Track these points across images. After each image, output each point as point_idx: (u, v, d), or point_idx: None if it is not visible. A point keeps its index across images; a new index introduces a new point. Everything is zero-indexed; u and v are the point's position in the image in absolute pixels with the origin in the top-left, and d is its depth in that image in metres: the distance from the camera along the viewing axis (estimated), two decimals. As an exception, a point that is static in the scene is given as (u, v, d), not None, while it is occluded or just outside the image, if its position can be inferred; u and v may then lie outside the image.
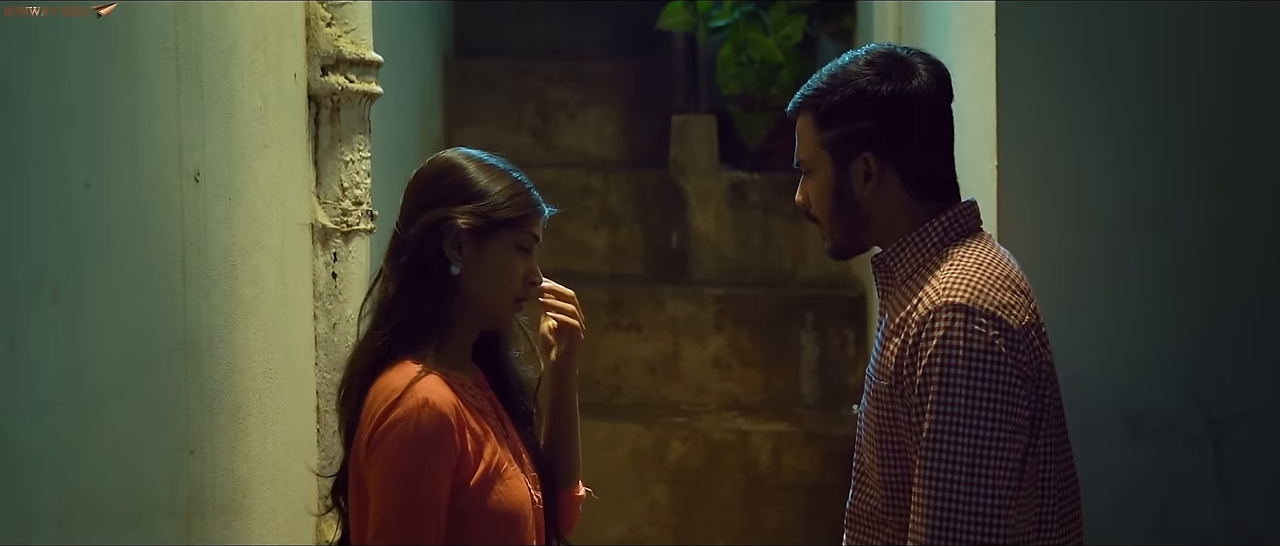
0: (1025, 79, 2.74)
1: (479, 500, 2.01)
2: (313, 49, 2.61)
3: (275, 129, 2.42)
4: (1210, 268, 2.73)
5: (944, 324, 1.95)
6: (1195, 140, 2.72)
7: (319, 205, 2.65)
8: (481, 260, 2.08)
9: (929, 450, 1.94)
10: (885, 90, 2.06)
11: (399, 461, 1.96)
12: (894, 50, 2.11)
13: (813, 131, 2.12)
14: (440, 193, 2.08)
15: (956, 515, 1.91)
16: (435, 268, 2.06)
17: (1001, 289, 1.99)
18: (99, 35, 1.78)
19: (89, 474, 1.72)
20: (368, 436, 2.00)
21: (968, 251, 2.05)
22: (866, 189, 2.08)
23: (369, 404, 2.02)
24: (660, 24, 5.30)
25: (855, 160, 2.07)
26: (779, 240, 5.10)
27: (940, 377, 1.93)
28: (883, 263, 2.12)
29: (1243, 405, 2.74)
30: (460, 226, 2.05)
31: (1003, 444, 1.92)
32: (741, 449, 4.49)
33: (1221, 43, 2.71)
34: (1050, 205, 2.75)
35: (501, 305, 2.12)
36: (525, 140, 5.41)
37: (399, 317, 2.07)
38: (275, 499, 2.40)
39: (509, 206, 2.08)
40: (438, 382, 2.01)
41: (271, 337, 2.38)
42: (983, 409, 1.92)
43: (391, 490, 1.96)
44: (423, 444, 1.96)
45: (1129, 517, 2.74)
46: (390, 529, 1.95)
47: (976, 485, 1.91)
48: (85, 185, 1.72)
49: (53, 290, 1.63)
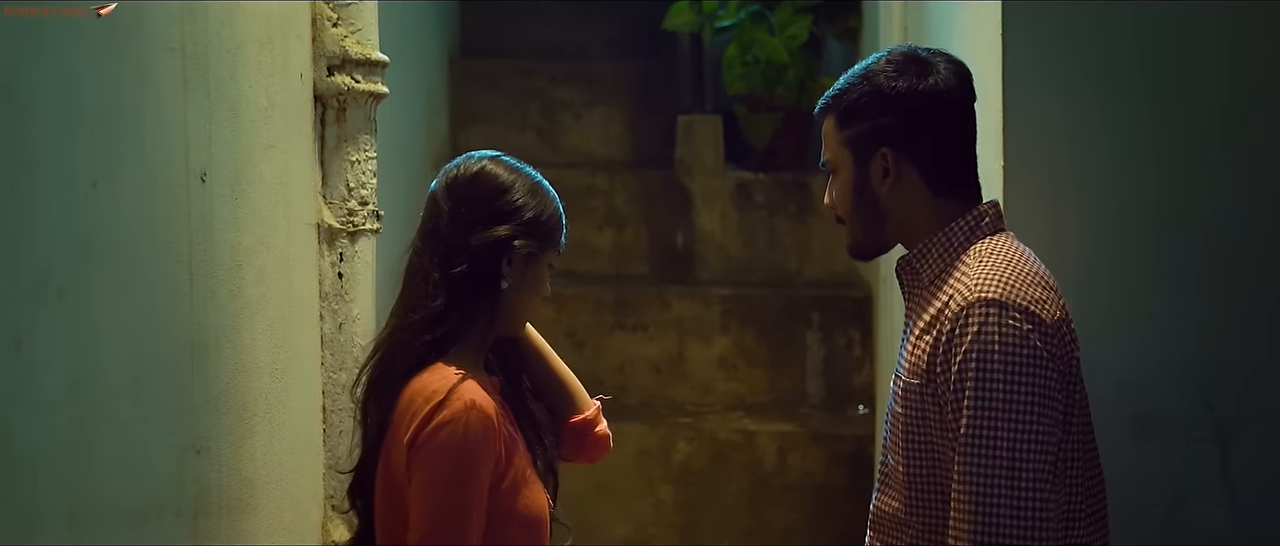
0: (1031, 79, 2.74)
1: (510, 503, 2.06)
2: (319, 49, 2.61)
3: (281, 129, 2.43)
4: (1216, 267, 2.73)
5: (979, 319, 1.96)
6: (1201, 139, 2.72)
7: (325, 205, 2.65)
8: (525, 276, 2.16)
9: (968, 446, 1.94)
10: (901, 86, 2.09)
11: (449, 463, 1.99)
12: (916, 50, 2.15)
13: (835, 130, 2.15)
14: (502, 211, 2.14)
15: (998, 509, 1.92)
16: (490, 282, 2.13)
17: (1033, 284, 2.01)
18: (106, 35, 1.78)
19: (95, 473, 1.73)
20: (411, 438, 2.02)
21: (996, 249, 2.07)
22: (885, 184, 2.10)
23: (406, 405, 2.05)
24: (666, 24, 5.30)
25: (874, 156, 2.10)
26: (784, 240, 5.10)
27: (977, 373, 1.94)
28: (909, 266, 2.14)
29: (1249, 405, 2.74)
30: (520, 249, 2.12)
31: (1041, 438, 1.93)
32: (747, 449, 4.49)
33: (1227, 42, 2.71)
34: (1056, 204, 2.75)
35: (527, 314, 2.22)
36: (530, 140, 5.41)
37: (448, 326, 2.11)
38: (282, 498, 2.40)
39: (556, 229, 2.19)
40: (477, 387, 2.06)
41: (278, 337, 2.38)
42: (1021, 404, 1.93)
43: (440, 491, 1.99)
44: (471, 446, 2.00)
45: (1134, 517, 2.73)
46: (440, 529, 1.98)
47: (1017, 479, 1.92)
48: (92, 185, 1.73)
49: (59, 290, 1.63)
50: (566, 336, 4.70)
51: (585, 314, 4.81)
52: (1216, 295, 2.74)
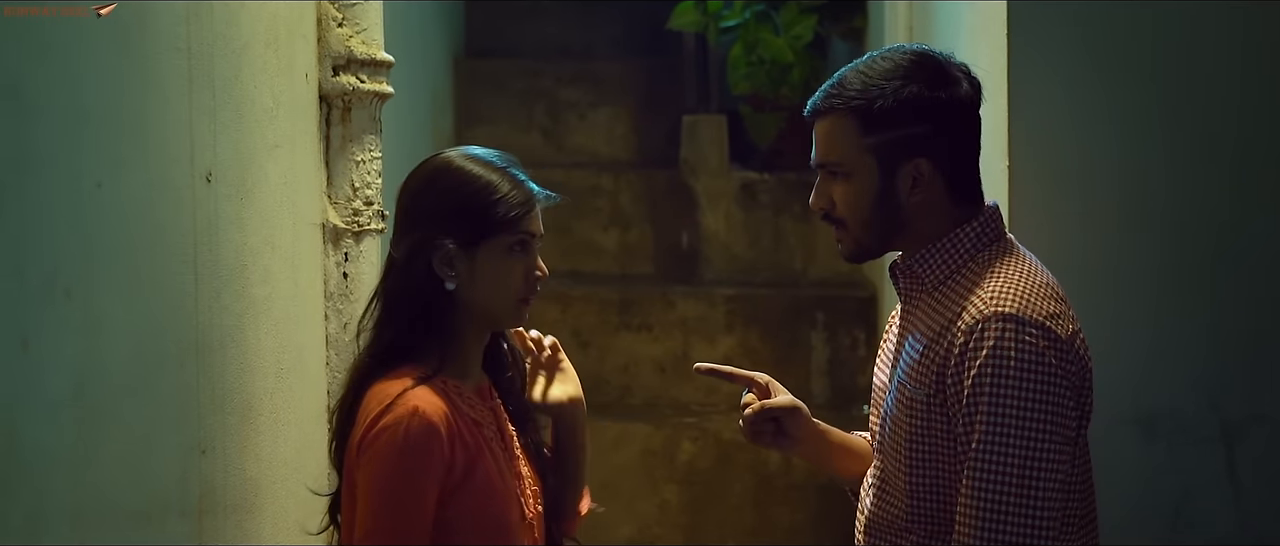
0: (1036, 78, 2.74)
1: (466, 509, 2.01)
2: (324, 49, 2.61)
3: (287, 129, 2.43)
4: (1222, 268, 2.73)
5: (994, 334, 1.94)
6: (1206, 139, 2.72)
7: (330, 205, 2.65)
8: (475, 270, 2.06)
9: (978, 461, 1.92)
10: (941, 96, 2.03)
11: (387, 466, 1.97)
12: (930, 53, 2.09)
13: (853, 135, 2.05)
14: (424, 209, 2.08)
15: (1006, 527, 1.90)
16: (427, 286, 2.06)
17: (1047, 298, 1.98)
18: (111, 35, 1.78)
19: (101, 473, 1.73)
20: (359, 440, 2.01)
21: (1006, 261, 2.04)
22: (915, 194, 2.05)
23: (362, 411, 2.03)
24: (671, 24, 5.30)
25: (904, 165, 2.04)
26: (789, 240, 5.10)
27: (991, 389, 1.92)
28: (909, 268, 2.10)
29: (1255, 406, 2.73)
30: (448, 248, 2.04)
31: (1053, 456, 1.91)
32: (751, 449, 4.48)
33: (1232, 42, 2.70)
34: (1062, 205, 2.75)
35: (504, 308, 2.10)
36: (536, 140, 5.41)
37: (387, 338, 2.08)
38: (286, 498, 2.40)
39: (493, 214, 2.05)
40: (429, 392, 2.01)
41: (283, 337, 2.38)
42: (1034, 421, 1.91)
43: (378, 495, 1.97)
44: (411, 450, 1.96)
45: (1141, 518, 2.73)
46: (377, 532, 1.97)
47: (1027, 498, 1.90)
48: (97, 185, 1.73)
49: (65, 290, 1.63)
50: (572, 336, 4.70)
51: (590, 314, 4.81)
52: (1223, 296, 2.74)
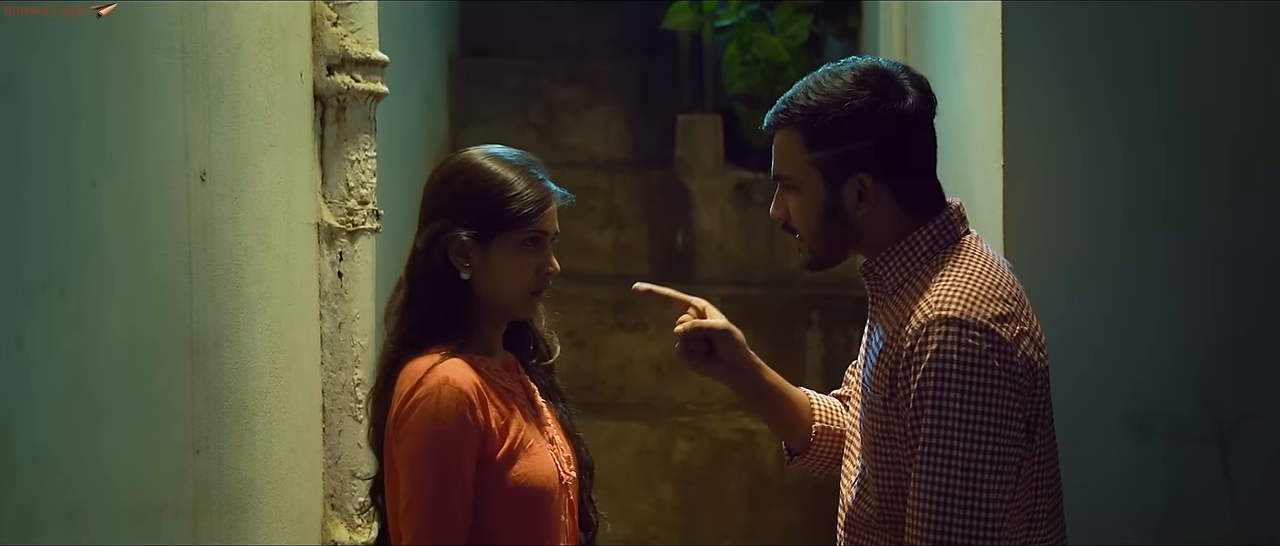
0: (1031, 78, 2.74)
1: (503, 474, 2.09)
2: (318, 48, 2.61)
3: (281, 128, 2.43)
4: (1217, 268, 2.73)
5: (938, 337, 1.94)
6: (1202, 140, 2.72)
7: (325, 204, 2.65)
8: (488, 262, 2.16)
9: (924, 465, 1.94)
10: (882, 111, 2.02)
11: (424, 437, 2.05)
12: (879, 65, 2.07)
13: (800, 149, 2.07)
14: (443, 202, 2.18)
15: (950, 529, 1.91)
16: (445, 275, 2.16)
17: (994, 300, 1.97)
18: (105, 35, 1.78)
19: (95, 472, 1.73)
20: (394, 417, 2.10)
21: (958, 262, 2.03)
22: (861, 209, 2.05)
23: (396, 391, 2.12)
24: (666, 23, 5.30)
25: (849, 180, 2.04)
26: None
27: (935, 392, 1.93)
28: (871, 270, 2.10)
29: (1250, 405, 2.74)
30: (461, 238, 2.14)
31: (997, 458, 1.92)
32: (747, 448, 4.49)
33: (1230, 42, 2.71)
34: (1056, 205, 2.75)
35: (515, 300, 2.20)
36: (531, 139, 5.40)
37: (414, 320, 2.17)
38: (281, 498, 2.40)
39: (507, 210, 2.15)
40: (460, 364, 2.10)
41: (277, 337, 2.38)
42: (978, 423, 1.92)
43: (418, 466, 2.06)
44: (445, 419, 2.05)
45: (1135, 517, 2.74)
46: (419, 502, 2.05)
47: (971, 500, 1.91)
48: (91, 185, 1.73)
49: (59, 289, 1.63)
50: (567, 335, 4.70)
51: (585, 313, 4.81)
52: (1217, 295, 2.74)
